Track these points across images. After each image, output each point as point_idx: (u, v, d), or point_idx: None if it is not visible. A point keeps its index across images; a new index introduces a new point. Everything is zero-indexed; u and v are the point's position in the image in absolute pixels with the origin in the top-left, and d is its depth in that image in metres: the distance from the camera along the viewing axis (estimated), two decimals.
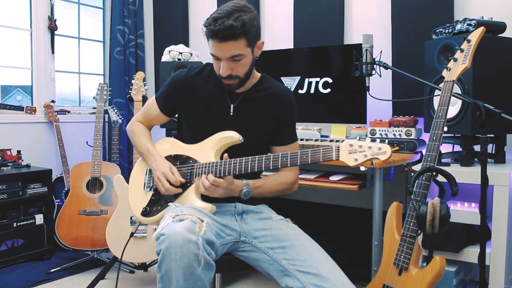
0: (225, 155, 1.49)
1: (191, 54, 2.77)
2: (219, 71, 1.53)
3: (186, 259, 1.23)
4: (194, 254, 1.24)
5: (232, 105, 1.64)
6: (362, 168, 1.30)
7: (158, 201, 1.61)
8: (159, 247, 1.27)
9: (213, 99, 1.65)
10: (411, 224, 1.45)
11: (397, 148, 2.12)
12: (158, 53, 3.49)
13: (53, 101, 3.32)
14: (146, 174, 1.70)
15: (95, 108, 3.25)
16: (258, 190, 1.58)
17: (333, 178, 2.01)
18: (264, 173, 1.69)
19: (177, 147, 1.67)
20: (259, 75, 1.69)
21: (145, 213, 1.61)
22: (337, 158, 1.33)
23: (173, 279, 1.23)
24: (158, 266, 1.27)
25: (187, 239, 1.24)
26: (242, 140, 1.54)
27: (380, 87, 2.43)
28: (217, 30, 1.43)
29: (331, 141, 2.06)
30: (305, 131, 2.35)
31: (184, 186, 1.56)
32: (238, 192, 1.53)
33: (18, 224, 2.79)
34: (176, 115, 1.80)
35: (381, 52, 1.86)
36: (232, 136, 1.55)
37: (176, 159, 1.63)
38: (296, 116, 1.72)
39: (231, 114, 1.63)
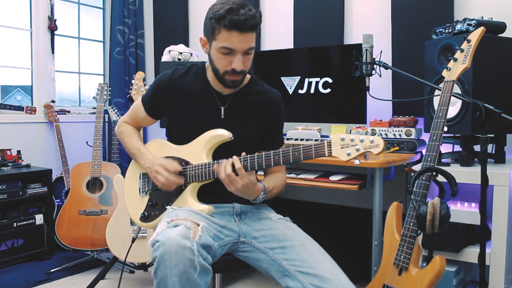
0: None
1: (191, 54, 2.77)
2: (230, 66, 1.45)
3: (182, 266, 1.21)
4: (189, 260, 1.22)
5: (222, 108, 1.60)
6: (356, 162, 1.27)
7: (156, 205, 1.60)
8: (154, 254, 1.26)
9: (202, 101, 1.60)
10: (411, 224, 1.45)
11: (397, 148, 2.12)
12: (158, 53, 3.49)
13: (53, 101, 3.32)
14: (140, 179, 1.68)
15: (95, 108, 3.25)
16: (268, 195, 1.56)
17: (333, 178, 2.01)
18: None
19: (167, 148, 1.64)
20: (249, 76, 1.64)
21: (144, 218, 1.60)
22: (329, 154, 1.30)
23: (169, 286, 1.23)
24: (154, 273, 1.26)
25: (182, 245, 1.23)
26: (232, 138, 1.51)
27: (380, 87, 2.43)
28: (244, 20, 1.36)
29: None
30: (305, 131, 2.35)
31: (180, 189, 1.55)
32: (254, 196, 1.48)
33: (18, 224, 2.79)
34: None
35: (381, 52, 1.86)
36: (222, 135, 1.51)
37: None
38: (284, 118, 1.70)
39: (222, 117, 1.59)
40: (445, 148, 2.11)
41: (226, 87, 1.56)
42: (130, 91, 2.76)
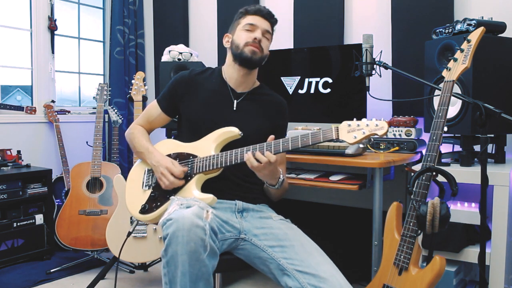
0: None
1: (191, 54, 2.77)
2: (251, 38, 1.66)
3: (193, 244, 1.24)
4: (201, 239, 1.25)
5: (235, 101, 1.72)
6: (360, 145, 1.41)
7: (158, 197, 1.61)
8: (166, 231, 1.28)
9: (217, 95, 1.73)
10: (411, 224, 1.45)
11: (397, 148, 2.12)
12: (158, 53, 3.49)
13: (53, 101, 3.32)
14: (144, 174, 1.70)
15: (95, 108, 3.25)
16: (285, 183, 1.66)
17: (333, 178, 2.01)
18: None
19: (177, 146, 1.69)
20: (258, 82, 1.83)
21: (144, 210, 1.61)
22: (336, 137, 1.40)
23: (179, 263, 1.24)
24: (164, 250, 1.28)
25: (195, 223, 1.26)
26: (242, 135, 1.59)
27: (380, 87, 2.43)
28: (265, 10, 1.72)
29: (330, 140, 2.07)
30: (305, 131, 2.35)
31: (185, 180, 1.57)
32: (277, 179, 1.58)
33: (18, 224, 2.79)
34: (176, 117, 1.82)
35: (381, 52, 1.86)
36: (232, 131, 1.60)
37: (176, 158, 1.64)
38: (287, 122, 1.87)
39: (234, 109, 1.71)
40: (445, 148, 2.11)
41: (244, 61, 1.68)
42: (130, 91, 2.76)
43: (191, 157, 1.61)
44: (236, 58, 1.70)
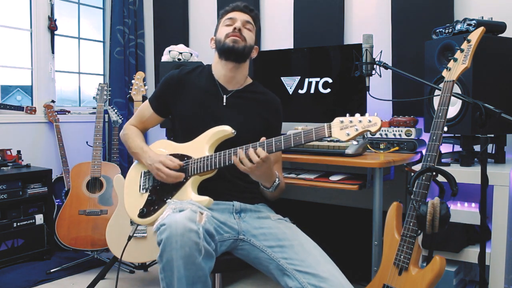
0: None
1: (191, 54, 2.77)
2: (231, 29, 1.65)
3: (187, 248, 1.23)
4: (195, 243, 1.24)
5: (225, 96, 1.69)
6: (355, 143, 1.37)
7: (155, 201, 1.60)
8: (160, 237, 1.28)
9: (206, 92, 1.71)
10: (411, 224, 1.45)
11: (397, 148, 2.12)
12: (158, 53, 3.49)
13: (53, 101, 3.32)
14: (141, 177, 1.70)
15: (95, 108, 3.25)
16: (281, 185, 1.62)
17: (333, 178, 2.01)
18: None
19: (171, 147, 1.68)
20: (251, 80, 1.79)
21: (142, 214, 1.61)
22: (329, 135, 1.37)
23: (175, 268, 1.24)
24: (160, 256, 1.28)
25: (188, 228, 1.25)
26: (235, 133, 1.57)
27: (380, 87, 2.43)
28: (242, 4, 1.71)
29: (330, 141, 2.07)
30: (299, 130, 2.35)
31: (181, 183, 1.56)
32: (271, 182, 1.56)
33: (18, 224, 2.79)
34: (169, 116, 1.81)
35: (381, 52, 1.86)
36: (225, 130, 1.57)
37: None
38: (282, 123, 1.82)
39: (224, 104, 1.69)
40: (445, 148, 2.11)
41: (227, 51, 1.65)
42: (130, 91, 2.76)
43: (185, 158, 1.60)
44: (221, 53, 1.68)
